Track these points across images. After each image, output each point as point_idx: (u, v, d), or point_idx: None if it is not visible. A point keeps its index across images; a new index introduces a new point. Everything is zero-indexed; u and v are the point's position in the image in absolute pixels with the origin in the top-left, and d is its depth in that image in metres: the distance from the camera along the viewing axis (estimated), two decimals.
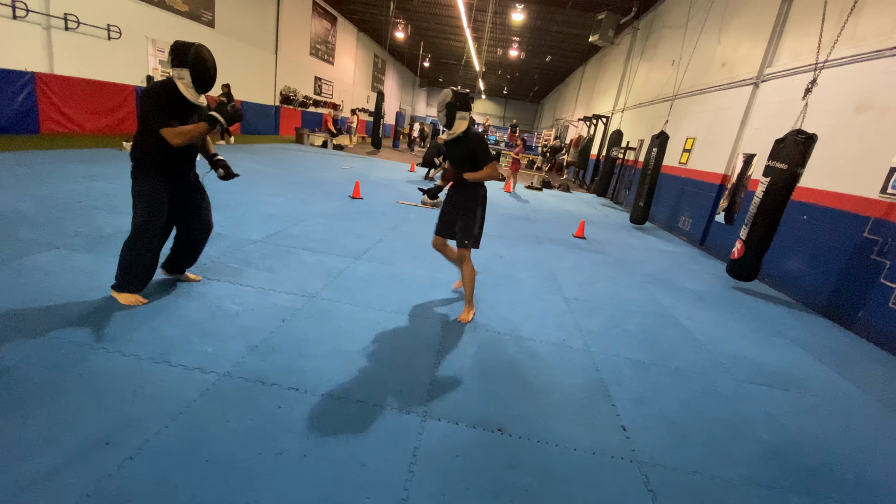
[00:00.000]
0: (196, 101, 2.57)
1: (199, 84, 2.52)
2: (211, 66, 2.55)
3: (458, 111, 3.01)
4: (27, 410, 1.77)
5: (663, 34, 11.76)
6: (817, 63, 5.25)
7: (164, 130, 2.43)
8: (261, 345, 2.50)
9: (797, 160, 4.71)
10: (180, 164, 2.66)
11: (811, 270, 5.26)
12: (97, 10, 8.99)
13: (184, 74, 2.48)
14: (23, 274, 2.87)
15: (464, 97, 3.03)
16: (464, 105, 3.02)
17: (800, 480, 2.12)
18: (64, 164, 6.16)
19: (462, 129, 3.07)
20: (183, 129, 2.44)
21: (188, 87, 2.51)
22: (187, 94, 2.52)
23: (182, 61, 2.47)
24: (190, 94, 2.53)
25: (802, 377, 3.27)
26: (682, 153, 9.29)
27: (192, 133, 2.46)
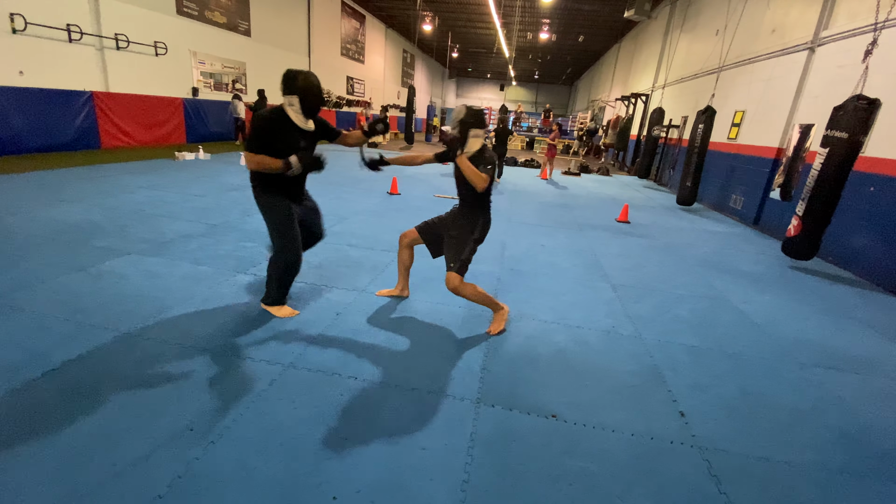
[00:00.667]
0: (304, 126, 2.65)
1: (307, 110, 2.62)
2: (318, 93, 2.63)
3: (472, 129, 2.74)
4: (118, 402, 1.95)
5: (705, 3, 11.14)
6: (877, 23, 4.84)
7: (245, 153, 2.57)
8: (319, 337, 2.62)
9: (859, 128, 4.39)
10: (291, 185, 2.76)
11: (880, 246, 4.89)
12: (144, 29, 9.54)
13: (293, 101, 2.59)
14: (101, 279, 3.13)
15: (478, 115, 2.78)
16: (477, 123, 2.76)
17: (874, 465, 2.01)
18: (123, 175, 6.62)
19: (475, 148, 2.76)
20: (260, 159, 2.52)
21: (297, 112, 2.61)
22: (296, 119, 2.62)
23: (291, 89, 2.57)
24: (299, 120, 2.63)
25: (874, 359, 3.08)
26: (731, 128, 8.81)
27: (266, 165, 2.53)
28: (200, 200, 5.60)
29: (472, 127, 2.74)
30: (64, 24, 7.94)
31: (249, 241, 4.24)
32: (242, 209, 5.37)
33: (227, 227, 4.61)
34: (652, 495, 1.72)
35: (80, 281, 3.07)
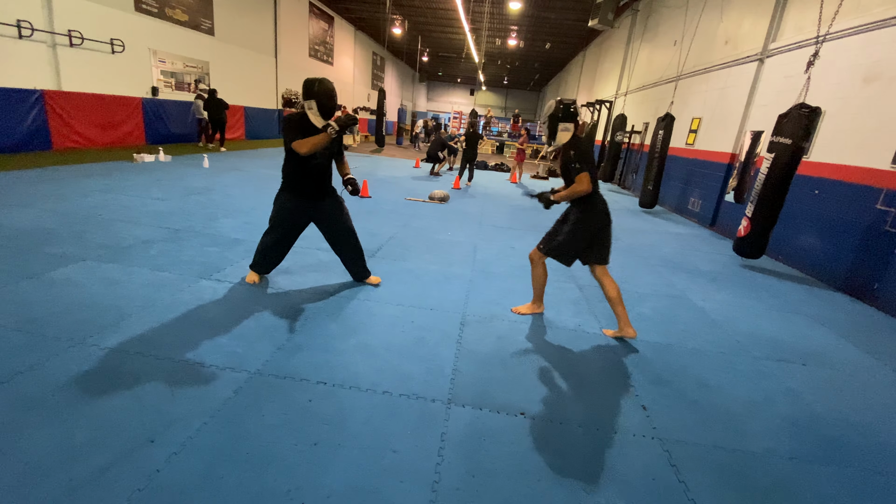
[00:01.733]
0: (321, 126, 2.98)
1: (323, 111, 2.96)
2: (333, 97, 2.96)
3: (561, 122, 2.93)
4: (72, 416, 1.87)
5: (664, 14, 11.63)
6: (819, 36, 5.20)
7: (294, 143, 2.88)
8: (287, 343, 2.58)
9: (801, 134, 4.69)
10: (313, 184, 3.13)
11: (825, 245, 5.24)
12: (100, 25, 9.13)
13: (312, 105, 2.93)
14: (54, 287, 2.98)
15: (567, 108, 2.94)
16: (567, 116, 2.93)
17: (821, 451, 2.16)
18: (78, 178, 6.31)
19: (564, 140, 2.96)
20: (307, 139, 2.86)
21: (316, 115, 2.96)
22: (315, 121, 2.98)
23: (310, 94, 2.92)
24: (317, 121, 2.98)
25: (820, 351, 3.29)
26: (689, 134, 9.22)
27: (315, 142, 2.85)
28: (161, 204, 5.40)
29: (562, 121, 2.94)
30: (14, 19, 7.50)
31: (214, 245, 4.13)
32: (206, 213, 5.21)
33: (190, 231, 4.47)
34: (616, 486, 1.79)
35: (32, 289, 2.91)
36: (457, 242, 5.17)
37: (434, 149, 11.57)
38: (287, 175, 3.12)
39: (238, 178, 7.90)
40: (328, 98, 2.92)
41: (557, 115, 2.94)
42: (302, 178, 3.08)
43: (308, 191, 3.13)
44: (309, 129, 2.95)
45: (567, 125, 2.95)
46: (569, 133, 2.96)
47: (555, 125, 2.96)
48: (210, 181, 7.22)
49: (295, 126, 2.94)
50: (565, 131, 2.95)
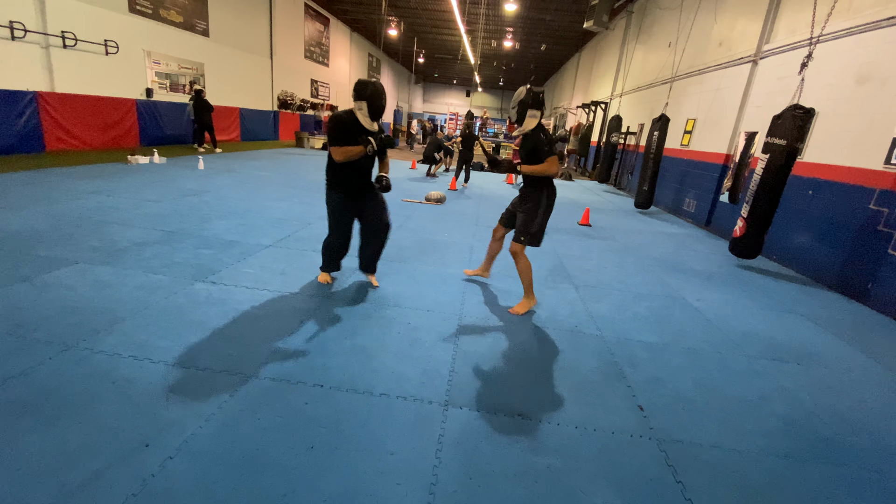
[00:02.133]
0: (369, 126, 3.09)
1: (372, 113, 3.06)
2: (383, 99, 3.08)
3: (530, 109, 3.11)
4: (66, 420, 1.85)
5: (658, 16, 11.69)
6: (812, 37, 5.24)
7: (331, 148, 3.03)
8: (282, 346, 2.57)
9: (795, 135, 4.72)
10: (354, 180, 3.23)
11: (819, 245, 5.27)
12: (94, 26, 9.08)
13: (362, 105, 3.03)
14: (46, 290, 2.95)
15: (537, 96, 3.13)
16: (536, 104, 3.12)
17: (816, 450, 2.17)
18: (72, 180, 6.26)
19: (531, 126, 3.14)
20: (344, 149, 3.00)
21: (365, 115, 3.05)
22: (363, 121, 3.07)
23: (361, 95, 3.01)
24: (365, 122, 3.07)
25: (815, 351, 3.31)
26: (684, 135, 9.27)
27: (350, 153, 3.00)
28: (155, 206, 5.36)
29: (531, 107, 3.11)
30: (6, 20, 7.44)
31: (208, 247, 4.10)
32: (200, 215, 5.18)
33: (184, 233, 4.44)
34: (613, 487, 1.79)
35: (23, 292, 2.88)
36: (453, 243, 5.17)
37: (430, 150, 11.57)
38: (332, 172, 3.21)
39: (232, 179, 7.87)
40: (378, 99, 3.04)
41: (528, 101, 3.10)
42: (346, 176, 3.19)
43: (352, 187, 3.26)
44: (357, 128, 3.05)
45: (535, 112, 3.13)
46: (535, 120, 3.14)
47: (524, 111, 3.12)
48: (204, 183, 7.18)
49: (342, 127, 3.02)
50: (533, 118, 3.13)
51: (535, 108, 3.12)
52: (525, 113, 3.13)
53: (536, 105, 3.12)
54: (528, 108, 3.11)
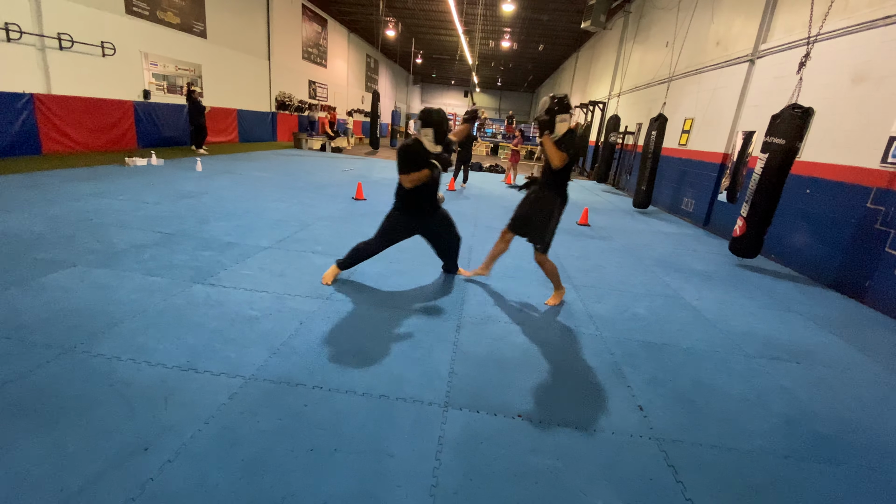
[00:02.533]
0: (433, 150, 3.32)
1: (438, 138, 3.31)
2: (447, 124, 3.33)
3: (559, 115, 3.21)
4: (64, 424, 1.84)
5: (656, 16, 11.71)
6: (810, 36, 5.25)
7: (401, 176, 3.30)
8: (282, 347, 2.56)
9: (794, 135, 4.73)
10: (423, 201, 3.48)
11: (817, 244, 5.29)
12: (90, 28, 9.06)
13: (428, 133, 3.28)
14: (44, 293, 2.94)
15: (562, 101, 3.22)
16: (563, 108, 3.22)
17: (816, 449, 2.17)
18: (69, 183, 6.24)
19: (564, 130, 3.25)
20: (413, 175, 3.23)
21: (430, 141, 3.30)
22: (428, 146, 3.31)
23: (428, 123, 3.27)
24: (430, 147, 3.31)
25: (813, 349, 3.31)
26: (682, 134, 9.28)
27: (419, 178, 3.24)
28: (153, 208, 5.35)
29: (559, 113, 3.21)
30: (2, 22, 7.42)
31: (207, 249, 4.09)
32: (199, 217, 5.17)
33: (183, 235, 4.43)
34: (614, 488, 1.79)
35: (21, 295, 2.87)
36: None
37: None
38: (403, 197, 3.42)
39: (231, 181, 7.85)
40: (443, 125, 3.28)
41: (555, 108, 3.20)
42: (418, 199, 3.42)
43: (423, 209, 3.50)
44: (423, 154, 3.27)
45: (564, 116, 3.23)
46: (566, 124, 3.25)
47: (553, 119, 3.22)
48: (203, 185, 7.17)
49: (411, 156, 3.25)
50: (563, 122, 3.24)
51: (563, 113, 3.22)
52: (555, 120, 3.22)
53: (564, 109, 3.22)
54: (556, 115, 3.21)
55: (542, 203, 3.38)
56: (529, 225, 3.47)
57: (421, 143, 3.31)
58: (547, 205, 3.35)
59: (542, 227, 3.37)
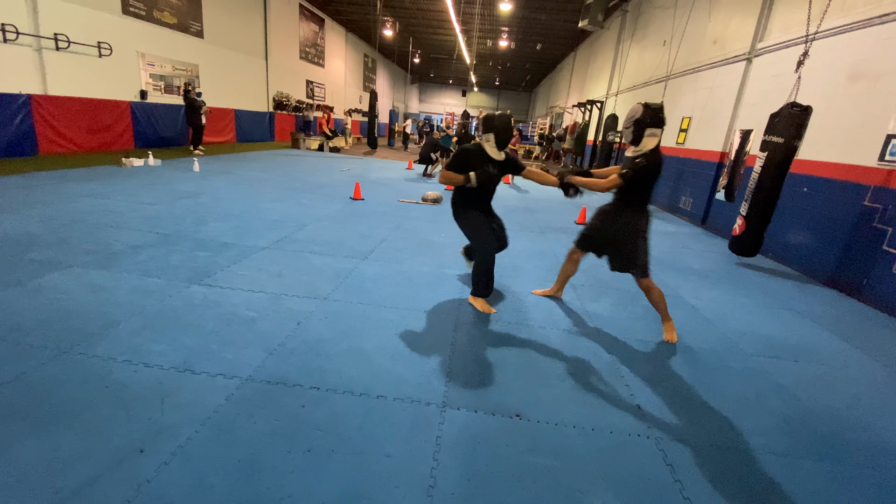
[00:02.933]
0: (496, 156, 3.29)
1: (499, 144, 3.26)
2: (509, 131, 3.27)
3: (648, 128, 2.85)
4: (60, 426, 1.83)
5: (653, 14, 11.72)
6: (808, 35, 5.25)
7: (443, 170, 3.30)
8: (279, 348, 2.55)
9: (793, 133, 4.73)
10: (478, 201, 3.44)
11: (814, 242, 5.29)
12: (86, 28, 9.03)
13: (490, 138, 3.24)
14: (40, 294, 2.93)
15: (656, 113, 2.85)
16: (655, 122, 2.85)
17: (814, 447, 2.17)
18: (65, 183, 6.22)
19: (650, 146, 2.86)
20: (449, 174, 3.27)
21: (492, 146, 3.26)
22: (490, 152, 3.28)
23: (489, 129, 3.23)
24: (492, 152, 3.28)
25: (811, 348, 3.32)
26: (679, 133, 9.29)
27: (451, 178, 3.27)
28: (150, 209, 5.33)
29: (649, 126, 2.84)
30: None
31: (204, 250, 4.08)
32: (196, 217, 5.16)
33: (180, 236, 4.42)
34: (612, 487, 1.78)
35: (16, 297, 2.86)
36: (450, 244, 5.16)
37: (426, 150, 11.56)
38: (462, 196, 3.45)
39: (228, 181, 7.84)
40: (504, 132, 3.24)
41: (645, 120, 2.84)
42: (475, 200, 3.44)
43: (482, 208, 3.49)
44: (482, 158, 3.27)
45: (654, 131, 2.84)
46: (655, 139, 2.86)
47: (641, 131, 2.86)
48: (200, 185, 7.15)
49: (465, 157, 3.27)
50: (652, 137, 2.85)
51: (654, 127, 2.85)
52: (643, 133, 2.86)
53: (656, 123, 2.84)
54: (646, 128, 2.85)
55: (622, 226, 3.04)
56: (617, 253, 3.13)
57: (483, 149, 3.27)
58: (628, 227, 3.02)
59: (631, 252, 3.02)
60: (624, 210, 3.06)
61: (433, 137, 12.33)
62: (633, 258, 3.03)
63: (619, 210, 3.09)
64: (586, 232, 3.33)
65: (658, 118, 2.85)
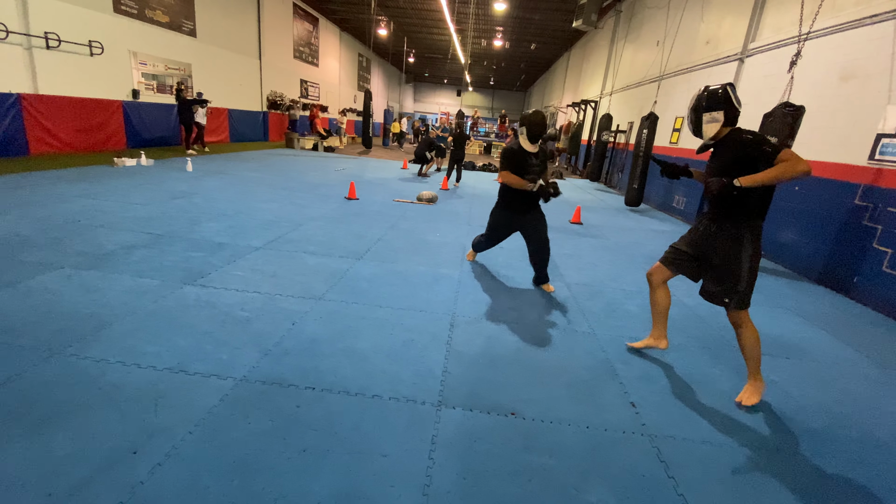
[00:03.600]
0: (529, 148, 3.65)
1: (531, 137, 3.62)
2: (539, 125, 3.60)
3: (705, 113, 2.42)
4: (52, 428, 1.81)
5: (647, 15, 11.77)
6: (800, 35, 5.30)
7: (502, 172, 3.69)
8: (274, 348, 2.55)
9: (786, 133, 4.77)
10: (522, 202, 3.77)
11: (806, 240, 5.34)
12: (77, 27, 8.94)
13: (523, 131, 3.64)
14: (31, 296, 2.90)
15: (713, 94, 2.41)
16: (712, 104, 2.40)
17: (806, 443, 2.19)
18: (57, 184, 6.16)
19: (711, 133, 2.44)
20: (513, 178, 3.63)
21: (525, 139, 3.62)
22: (525, 145, 3.64)
23: (523, 122, 3.64)
24: (526, 145, 3.64)
25: (803, 345, 3.35)
26: (673, 133, 9.34)
27: (515, 182, 3.61)
28: (143, 209, 5.30)
29: (706, 111, 2.43)
30: None
31: (197, 250, 4.06)
32: (189, 217, 5.13)
33: (174, 236, 4.39)
34: (606, 484, 1.79)
35: (7, 298, 2.83)
36: (445, 243, 5.17)
37: (422, 149, 11.55)
38: (503, 194, 3.87)
39: (222, 181, 7.79)
40: (536, 127, 3.60)
41: (701, 105, 2.44)
42: (514, 198, 3.77)
43: (518, 207, 3.80)
44: (523, 152, 3.64)
45: (713, 115, 2.40)
46: (718, 124, 2.41)
47: (699, 117, 2.46)
48: (193, 185, 7.11)
49: (511, 155, 3.64)
50: (713, 122, 2.42)
51: (712, 110, 2.40)
52: (701, 119, 2.44)
53: (714, 105, 2.39)
54: (702, 113, 2.43)
55: (725, 241, 2.44)
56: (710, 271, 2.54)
57: (520, 143, 3.64)
58: (733, 242, 2.41)
59: (733, 274, 2.41)
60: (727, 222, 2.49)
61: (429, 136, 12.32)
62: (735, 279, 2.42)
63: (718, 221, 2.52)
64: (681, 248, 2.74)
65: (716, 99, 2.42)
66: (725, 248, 2.44)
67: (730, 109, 2.39)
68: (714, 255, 2.49)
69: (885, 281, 4.26)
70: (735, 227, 2.41)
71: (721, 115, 2.41)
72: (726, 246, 2.44)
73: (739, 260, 2.40)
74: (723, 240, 2.45)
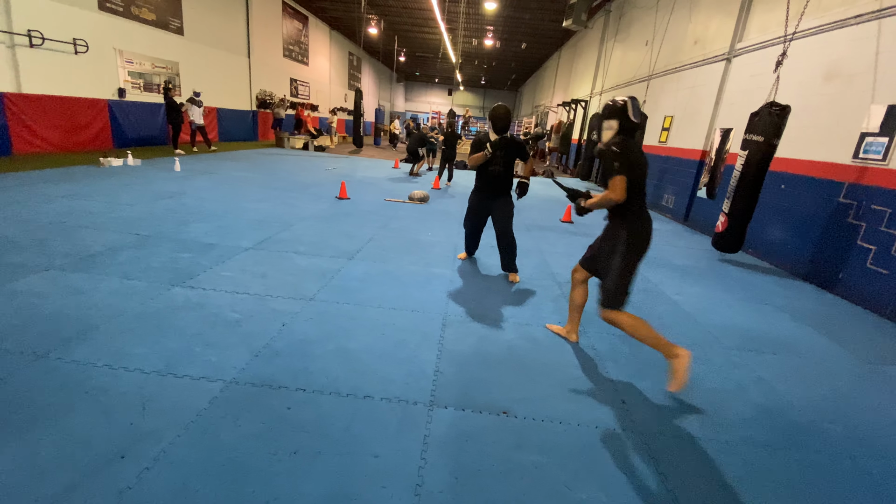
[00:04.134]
0: (492, 137, 3.90)
1: (497, 130, 3.89)
2: (500, 118, 3.88)
3: (606, 120, 2.60)
4: (38, 432, 1.78)
5: (636, 15, 11.86)
6: (786, 35, 5.38)
7: (468, 159, 4.00)
8: (264, 350, 2.53)
9: (772, 132, 4.84)
10: (489, 186, 4.06)
11: (792, 238, 5.42)
12: (61, 25, 8.78)
13: (488, 124, 3.93)
14: (16, 298, 2.84)
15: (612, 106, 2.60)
16: (610, 113, 2.58)
17: (793, 438, 2.23)
18: (41, 184, 6.05)
19: (606, 138, 2.60)
20: (473, 157, 3.95)
21: (491, 130, 3.92)
22: (492, 136, 3.91)
23: (489, 118, 3.93)
24: (493, 136, 3.90)
25: (790, 341, 3.40)
26: (661, 132, 9.42)
27: (475, 159, 3.93)
28: (130, 210, 5.22)
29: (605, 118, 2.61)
30: None
31: (185, 251, 4.01)
32: (177, 218, 5.07)
33: (161, 237, 4.34)
34: (597, 480, 1.81)
35: None
36: (437, 243, 5.17)
37: (414, 145, 11.53)
38: (475, 180, 4.16)
39: (211, 181, 7.71)
40: (499, 120, 3.88)
41: (604, 112, 2.64)
42: (481, 182, 4.08)
43: (486, 190, 4.07)
44: (486, 140, 3.90)
45: (610, 123, 2.58)
46: (612, 131, 2.58)
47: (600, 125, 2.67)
48: (181, 185, 7.02)
49: (476, 141, 4.01)
50: (608, 130, 2.59)
51: (609, 119, 2.59)
52: (602, 125, 2.64)
53: (611, 114, 2.58)
54: (603, 120, 2.61)
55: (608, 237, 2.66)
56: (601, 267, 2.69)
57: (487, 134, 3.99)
58: (613, 239, 2.60)
59: (609, 270, 2.60)
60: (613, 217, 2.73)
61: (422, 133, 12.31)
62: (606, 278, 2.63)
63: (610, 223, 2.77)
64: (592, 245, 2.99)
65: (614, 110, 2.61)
66: (606, 247, 2.65)
67: (623, 120, 2.56)
68: (601, 254, 2.70)
69: (870, 277, 4.34)
70: (613, 227, 2.63)
71: (615, 124, 2.58)
72: (607, 245, 2.65)
73: (613, 256, 2.57)
74: (605, 239, 2.68)
